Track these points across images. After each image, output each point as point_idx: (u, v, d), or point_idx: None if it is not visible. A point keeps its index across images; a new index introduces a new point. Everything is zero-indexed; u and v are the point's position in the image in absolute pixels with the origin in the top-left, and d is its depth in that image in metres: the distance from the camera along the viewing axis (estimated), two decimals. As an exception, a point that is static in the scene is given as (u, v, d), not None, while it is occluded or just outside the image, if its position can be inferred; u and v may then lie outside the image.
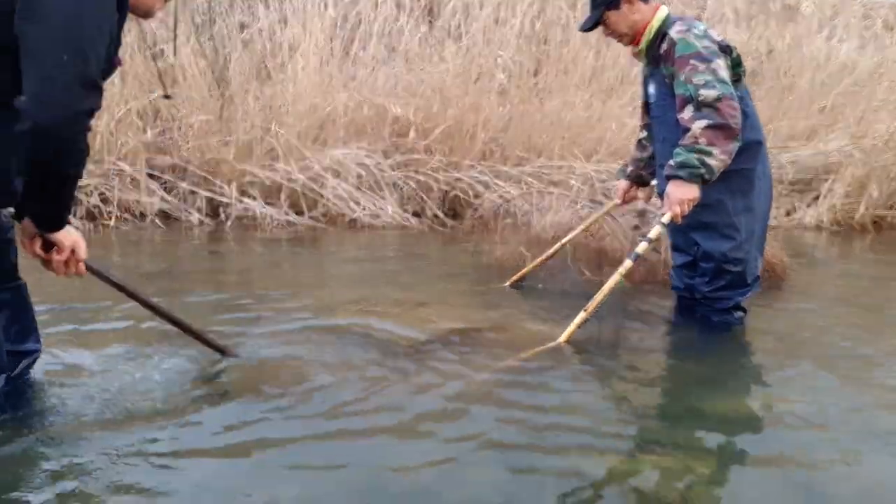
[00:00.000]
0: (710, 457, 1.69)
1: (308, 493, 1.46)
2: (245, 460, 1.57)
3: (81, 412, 1.78)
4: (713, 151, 2.43)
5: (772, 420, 1.95)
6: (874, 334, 2.82)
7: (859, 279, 4.18)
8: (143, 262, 3.82)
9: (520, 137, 5.98)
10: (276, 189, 5.28)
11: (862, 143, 6.56)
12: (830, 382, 2.22)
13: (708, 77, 2.46)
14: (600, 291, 2.47)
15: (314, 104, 5.51)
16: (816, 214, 6.34)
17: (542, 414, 1.88)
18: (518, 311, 2.92)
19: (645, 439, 1.79)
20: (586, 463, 1.63)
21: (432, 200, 5.58)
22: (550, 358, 2.30)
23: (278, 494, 1.44)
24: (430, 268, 3.91)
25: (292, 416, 1.81)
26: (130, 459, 1.56)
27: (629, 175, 3.18)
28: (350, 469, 1.55)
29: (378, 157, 5.50)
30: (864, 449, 1.77)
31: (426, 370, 2.17)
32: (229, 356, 2.15)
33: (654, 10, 2.70)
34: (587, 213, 3.84)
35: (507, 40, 6.35)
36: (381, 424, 1.77)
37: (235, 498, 1.43)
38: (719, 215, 2.69)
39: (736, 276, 2.76)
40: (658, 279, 3.48)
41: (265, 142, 5.35)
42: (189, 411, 1.80)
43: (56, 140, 1.44)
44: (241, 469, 1.54)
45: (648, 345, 2.59)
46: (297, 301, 2.95)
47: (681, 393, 2.17)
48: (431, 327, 2.59)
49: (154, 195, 5.03)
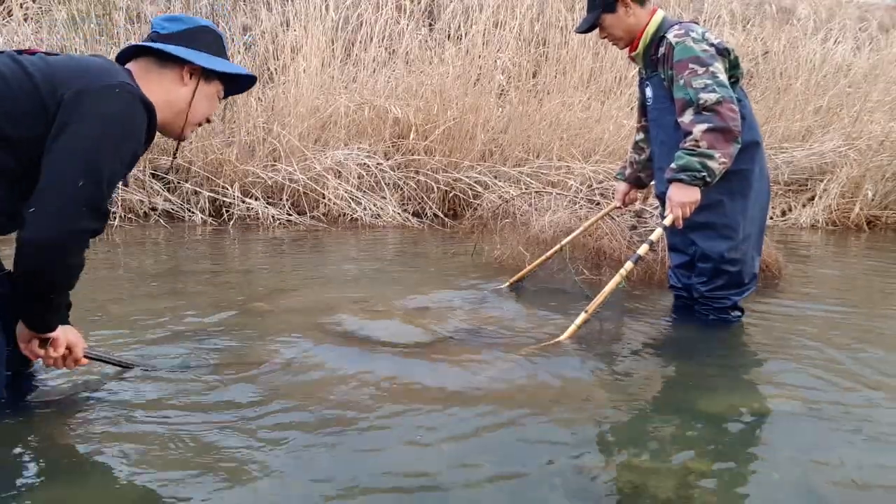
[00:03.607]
0: (708, 456, 1.70)
1: (308, 492, 1.46)
2: (245, 460, 1.57)
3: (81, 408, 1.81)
4: (714, 154, 2.46)
5: (769, 419, 1.96)
6: (870, 333, 2.84)
7: (855, 278, 4.22)
8: (147, 261, 3.84)
9: (519, 138, 6.03)
10: (278, 189, 5.32)
11: (857, 144, 6.61)
12: (828, 381, 2.24)
13: (707, 80, 2.49)
14: (601, 293, 2.49)
15: (316, 105, 5.55)
16: (812, 214, 6.40)
17: (542, 413, 1.89)
18: (518, 310, 2.93)
19: (643, 439, 1.80)
20: (585, 462, 1.64)
21: (432, 200, 5.62)
22: (550, 356, 2.32)
23: (278, 494, 1.45)
24: (431, 267, 3.93)
25: (292, 415, 1.81)
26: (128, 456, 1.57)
27: (627, 178, 3.20)
28: (350, 468, 1.56)
29: (379, 158, 5.54)
30: (861, 447, 1.78)
31: (426, 370, 2.18)
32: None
33: (651, 14, 2.73)
34: (585, 213, 3.89)
35: (506, 42, 6.40)
36: (381, 423, 1.78)
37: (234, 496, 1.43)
38: (717, 216, 2.72)
39: (733, 276, 2.79)
40: (655, 279, 3.52)
41: (267, 142, 5.39)
42: (189, 411, 1.80)
43: (55, 257, 1.50)
44: (240, 468, 1.54)
45: (647, 344, 2.60)
46: (298, 300, 2.98)
47: (678, 392, 2.17)
48: (431, 327, 2.61)
49: (158, 195, 5.08)
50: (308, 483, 1.49)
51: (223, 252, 4.21)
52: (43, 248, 1.48)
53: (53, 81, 1.51)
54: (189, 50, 1.72)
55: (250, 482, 1.48)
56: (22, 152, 1.51)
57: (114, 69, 1.62)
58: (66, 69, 1.55)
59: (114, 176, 1.55)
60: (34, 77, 1.50)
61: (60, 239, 1.49)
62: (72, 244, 1.52)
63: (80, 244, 1.55)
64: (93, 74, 1.55)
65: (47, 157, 1.49)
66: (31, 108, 1.49)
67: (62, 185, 1.48)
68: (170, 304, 2.84)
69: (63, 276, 1.57)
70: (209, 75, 1.77)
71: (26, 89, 1.50)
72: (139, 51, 1.74)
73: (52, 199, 1.48)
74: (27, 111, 1.49)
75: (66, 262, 1.54)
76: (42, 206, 1.47)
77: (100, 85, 1.53)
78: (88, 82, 1.53)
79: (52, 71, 1.53)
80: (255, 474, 1.51)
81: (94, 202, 1.52)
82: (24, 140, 1.50)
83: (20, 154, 1.51)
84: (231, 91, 1.90)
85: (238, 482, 1.48)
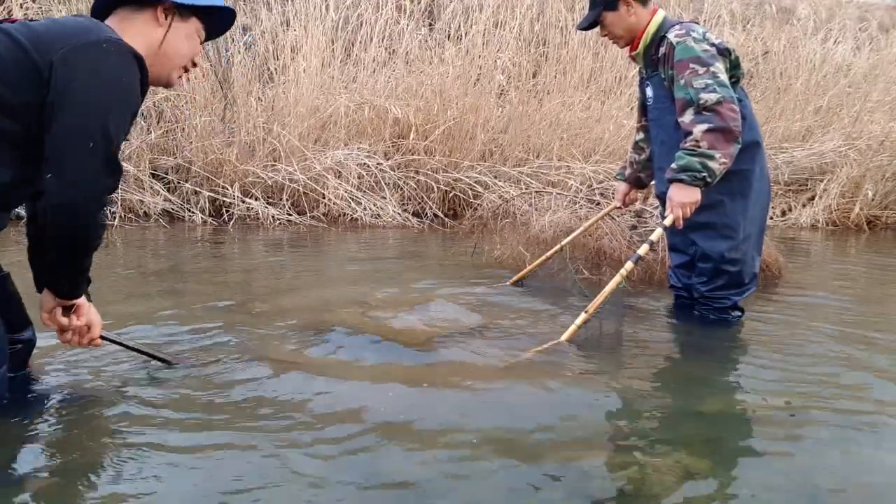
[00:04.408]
0: (708, 456, 1.70)
1: (308, 491, 1.46)
2: (244, 460, 1.58)
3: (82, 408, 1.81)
4: (715, 155, 2.46)
5: (769, 419, 1.95)
6: (870, 333, 2.84)
7: (855, 278, 4.22)
8: (147, 261, 3.84)
9: (519, 138, 6.03)
10: (278, 189, 5.32)
11: (857, 144, 6.62)
12: (828, 381, 2.24)
13: (708, 80, 2.48)
14: (602, 293, 2.49)
15: (316, 105, 5.55)
16: (812, 214, 6.40)
17: (542, 412, 1.89)
18: (518, 310, 2.93)
19: (643, 438, 1.80)
20: (585, 462, 1.64)
21: (432, 200, 5.62)
22: (551, 356, 2.32)
23: (277, 493, 1.45)
24: (431, 267, 3.93)
25: (292, 415, 1.81)
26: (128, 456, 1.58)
27: (628, 178, 3.20)
28: (350, 468, 1.56)
29: (379, 158, 5.55)
30: (862, 447, 1.78)
31: (426, 370, 2.18)
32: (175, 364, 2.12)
33: (652, 13, 2.73)
34: (586, 213, 3.89)
35: (506, 42, 6.40)
36: (381, 423, 1.78)
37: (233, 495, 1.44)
38: (718, 216, 2.72)
39: (734, 276, 2.79)
40: (655, 279, 3.52)
41: (267, 142, 5.39)
42: (188, 411, 1.80)
43: (83, 216, 1.57)
44: (240, 468, 1.54)
45: (647, 344, 2.60)
46: (298, 300, 2.98)
47: (678, 392, 2.17)
48: (431, 327, 2.60)
49: (158, 195, 5.08)
50: (301, 481, 1.49)
51: (223, 252, 4.21)
52: (69, 210, 1.54)
53: (40, 45, 1.52)
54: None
55: (248, 484, 1.48)
56: (23, 117, 1.53)
57: (97, 26, 1.62)
58: (51, 32, 1.55)
59: (120, 130, 1.59)
60: (22, 42, 1.51)
61: (84, 198, 1.55)
62: (94, 202, 1.59)
63: (102, 202, 1.62)
64: (78, 33, 1.55)
65: (53, 123, 1.51)
66: (26, 74, 1.51)
67: (75, 148, 1.52)
68: (169, 303, 2.84)
69: (90, 236, 1.62)
70: (184, 12, 1.76)
71: (17, 57, 1.50)
72: (114, 2, 1.73)
73: (68, 163, 1.52)
74: (23, 76, 1.51)
75: (91, 220, 1.59)
76: (60, 171, 1.51)
77: (87, 42, 1.54)
78: (76, 42, 1.53)
79: (37, 35, 1.54)
80: (253, 476, 1.51)
81: (108, 159, 1.57)
82: (24, 105, 1.52)
83: (21, 119, 1.53)
84: (213, 31, 1.88)
85: (234, 483, 1.48)
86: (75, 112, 1.52)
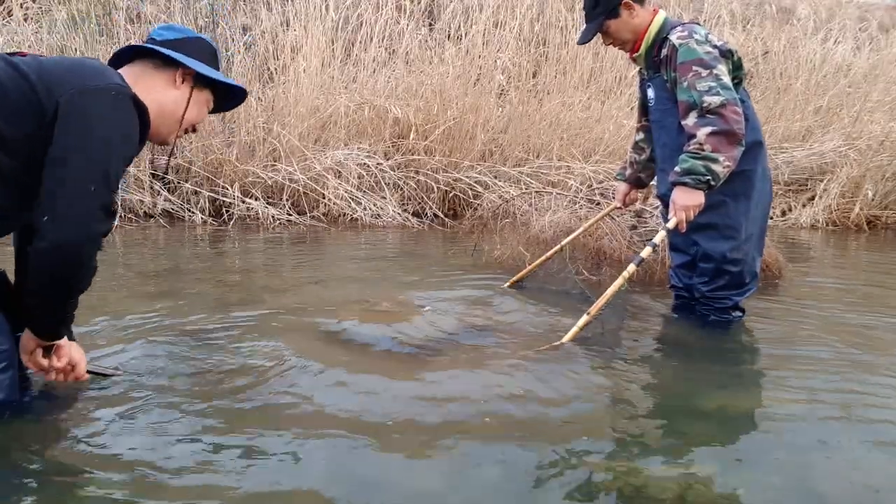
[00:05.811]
0: (709, 456, 1.70)
1: (307, 491, 1.46)
2: (244, 459, 1.58)
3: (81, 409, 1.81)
4: (719, 158, 2.44)
5: (770, 419, 1.96)
6: (870, 333, 2.84)
7: (855, 278, 4.22)
8: (147, 261, 3.84)
9: (519, 138, 6.03)
10: (278, 189, 5.32)
11: (857, 144, 6.62)
12: (828, 381, 2.24)
13: (711, 83, 2.47)
14: (603, 295, 2.48)
15: (316, 105, 5.55)
16: (812, 214, 6.40)
17: (542, 413, 1.89)
18: (518, 311, 2.92)
19: (644, 438, 1.80)
20: (585, 462, 1.64)
21: (432, 200, 5.62)
22: (552, 357, 2.32)
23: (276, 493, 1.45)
24: (431, 268, 3.92)
25: (292, 415, 1.81)
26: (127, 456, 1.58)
27: (628, 178, 3.20)
28: (350, 468, 1.57)
29: (379, 158, 5.55)
30: (861, 448, 1.78)
31: (426, 370, 2.18)
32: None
33: (652, 14, 2.72)
34: (586, 213, 3.89)
35: (506, 42, 6.40)
36: (381, 423, 1.78)
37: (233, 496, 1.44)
38: (720, 216, 2.71)
39: (735, 277, 2.79)
40: (656, 279, 3.52)
41: (267, 142, 5.39)
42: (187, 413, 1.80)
43: (77, 258, 1.54)
44: (240, 468, 1.54)
45: (648, 344, 2.61)
46: (298, 300, 2.98)
47: (679, 392, 2.17)
48: (431, 328, 2.60)
49: (158, 195, 5.08)
50: (301, 481, 1.50)
51: (223, 252, 4.21)
52: (63, 253, 1.52)
53: (49, 82, 1.52)
54: (184, 55, 1.74)
55: (247, 486, 1.48)
56: (18, 151, 1.52)
57: (107, 71, 1.63)
58: (60, 70, 1.56)
59: (118, 177, 1.59)
60: (29, 77, 1.52)
61: (80, 242, 1.53)
62: (90, 247, 1.57)
63: (97, 246, 1.59)
64: (87, 76, 1.56)
65: (53, 162, 1.51)
66: (28, 108, 1.51)
67: (75, 190, 1.51)
68: (169, 303, 2.84)
69: (81, 280, 1.60)
70: (201, 82, 1.79)
71: (23, 90, 1.51)
72: (136, 54, 1.76)
73: (67, 205, 1.50)
74: (25, 111, 1.51)
75: (85, 265, 1.58)
76: (57, 213, 1.50)
77: (97, 88, 1.55)
78: (84, 84, 1.54)
79: (46, 71, 1.54)
80: (251, 478, 1.51)
81: (105, 204, 1.56)
82: (20, 139, 1.51)
83: (17, 153, 1.52)
84: (220, 106, 1.91)
85: (233, 486, 1.48)
86: (79, 156, 1.51)
